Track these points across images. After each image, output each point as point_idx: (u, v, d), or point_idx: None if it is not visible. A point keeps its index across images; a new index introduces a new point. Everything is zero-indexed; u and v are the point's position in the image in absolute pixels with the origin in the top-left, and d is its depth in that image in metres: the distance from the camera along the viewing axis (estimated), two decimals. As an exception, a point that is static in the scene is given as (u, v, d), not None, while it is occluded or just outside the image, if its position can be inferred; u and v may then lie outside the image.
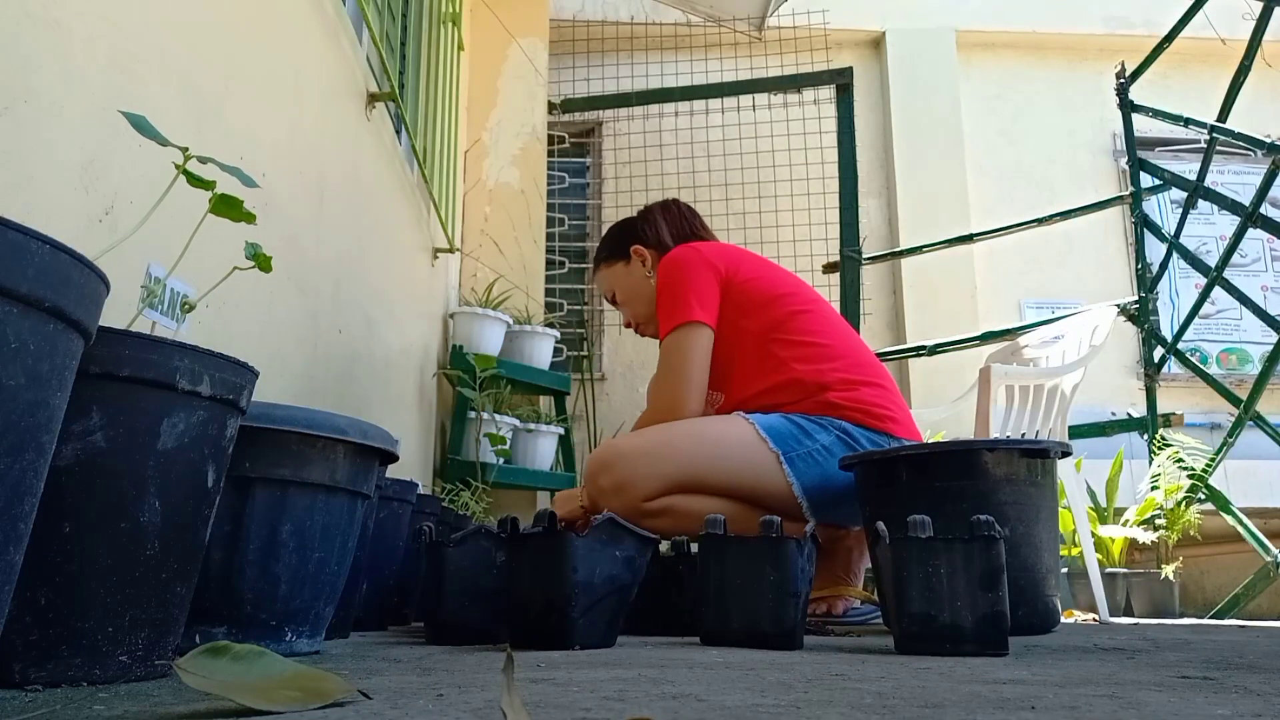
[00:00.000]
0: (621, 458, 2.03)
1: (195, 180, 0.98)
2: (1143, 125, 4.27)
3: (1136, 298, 3.95)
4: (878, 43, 5.89)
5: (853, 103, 4.85)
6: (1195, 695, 0.82)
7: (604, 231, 2.50)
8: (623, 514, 1.99)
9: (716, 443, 2.04)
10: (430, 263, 3.49)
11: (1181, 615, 3.64)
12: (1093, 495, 3.91)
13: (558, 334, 4.05)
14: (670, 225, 2.38)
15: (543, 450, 3.82)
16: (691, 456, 2.02)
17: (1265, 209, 3.27)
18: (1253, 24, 3.49)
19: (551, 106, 4.72)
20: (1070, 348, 2.86)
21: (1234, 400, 3.43)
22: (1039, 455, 1.81)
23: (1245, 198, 3.42)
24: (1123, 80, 4.14)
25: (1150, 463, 3.79)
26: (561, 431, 3.94)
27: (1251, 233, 3.39)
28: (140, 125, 0.94)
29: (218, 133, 1.53)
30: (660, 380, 2.14)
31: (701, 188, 5.10)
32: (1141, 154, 4.14)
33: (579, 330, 5.09)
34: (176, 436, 0.87)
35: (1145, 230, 4.03)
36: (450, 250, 3.62)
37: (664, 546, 1.74)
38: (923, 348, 4.35)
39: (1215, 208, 4.12)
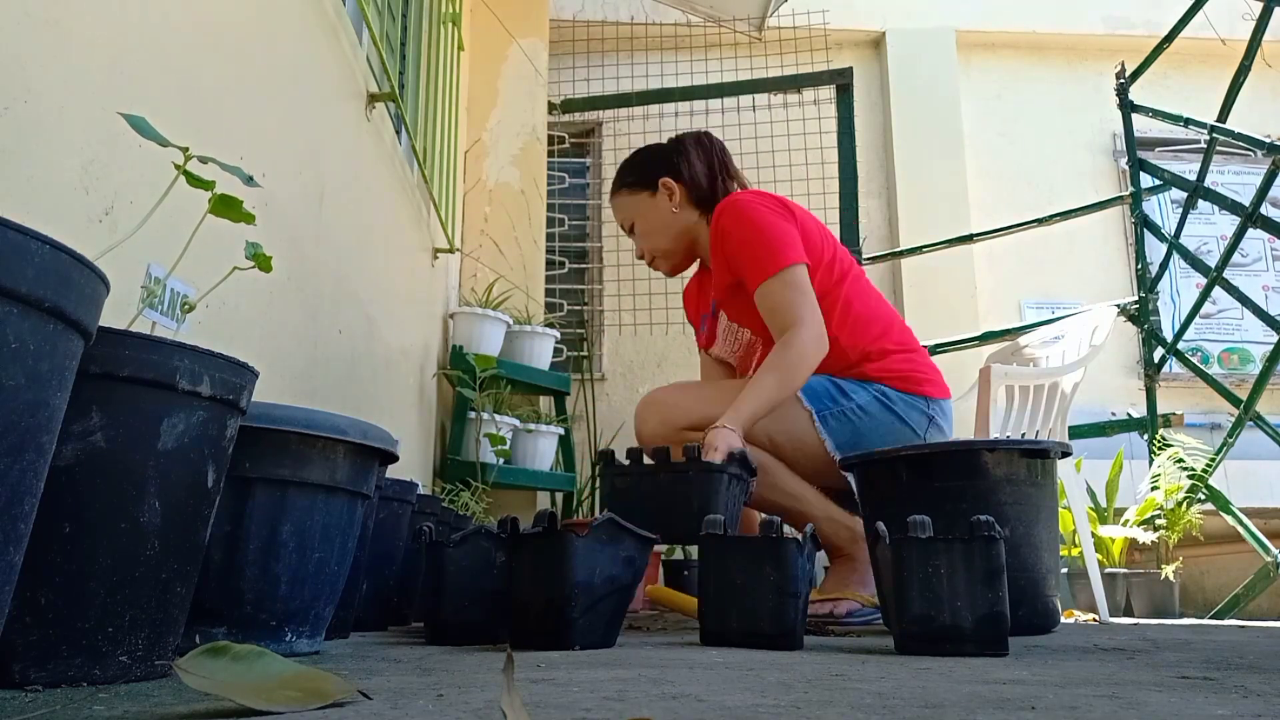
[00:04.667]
0: (666, 399, 2.10)
1: (195, 180, 0.98)
2: (1143, 125, 4.27)
3: (1136, 298, 3.95)
4: (878, 43, 5.89)
5: (853, 103, 4.85)
6: (1195, 695, 0.82)
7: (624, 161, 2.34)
8: (664, 437, 2.01)
9: None
10: (430, 263, 3.49)
11: (1181, 615, 3.64)
12: (1093, 495, 3.91)
13: (558, 334, 4.05)
14: (704, 162, 2.27)
15: (543, 450, 3.82)
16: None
17: (1265, 209, 3.27)
18: (1253, 24, 3.49)
19: (551, 106, 4.72)
20: (1070, 348, 2.86)
21: (1234, 400, 3.43)
22: (1039, 455, 1.81)
23: (1245, 198, 3.42)
24: (1123, 80, 4.14)
25: (1150, 463, 3.79)
26: (561, 432, 3.94)
27: (1252, 232, 3.39)
28: (140, 126, 0.94)
29: (218, 133, 1.53)
30: (787, 325, 1.98)
31: (701, 188, 5.09)
32: (1141, 154, 4.14)
33: (579, 330, 5.09)
34: (176, 436, 0.87)
35: (1145, 230, 4.03)
36: (450, 250, 3.62)
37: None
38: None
39: (1215, 208, 4.12)
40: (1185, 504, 3.58)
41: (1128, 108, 4.11)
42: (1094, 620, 2.66)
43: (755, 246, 2.03)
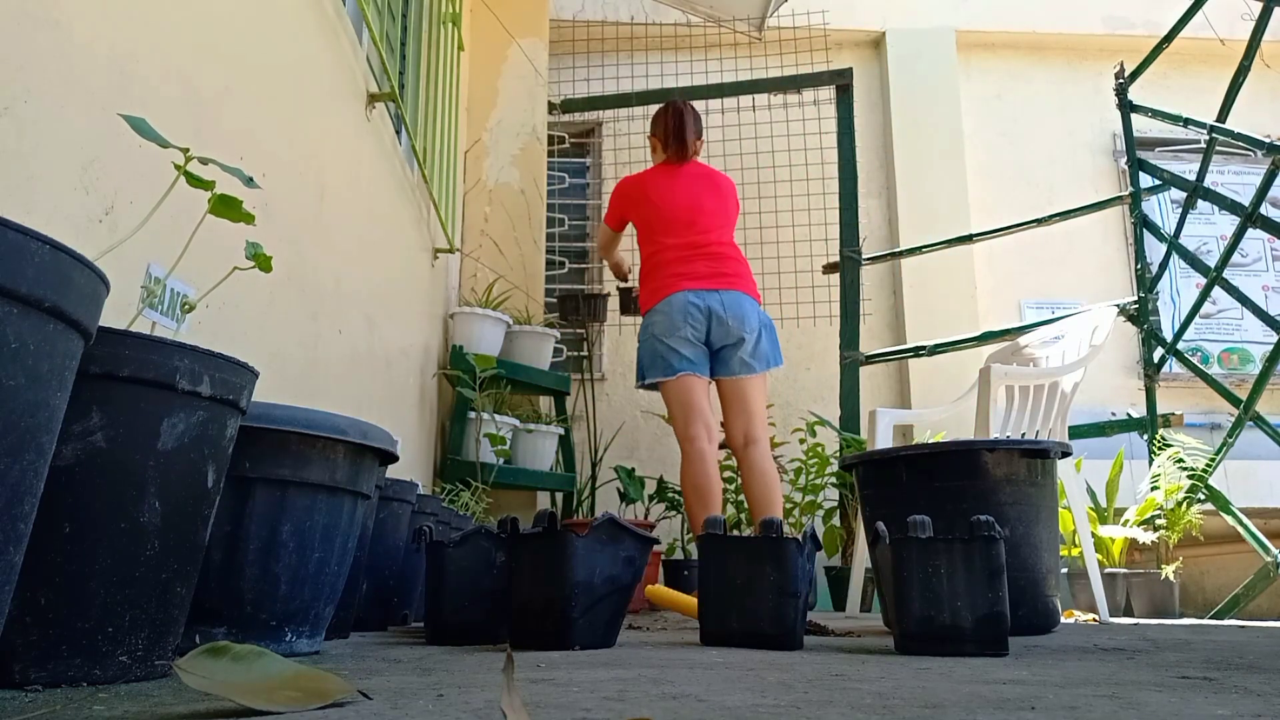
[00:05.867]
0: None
1: (195, 181, 0.98)
2: (1143, 125, 4.27)
3: (1136, 298, 3.95)
4: (878, 43, 5.89)
5: (852, 103, 4.85)
6: (1195, 695, 0.82)
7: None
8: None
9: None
10: (430, 263, 3.49)
11: (1181, 615, 3.64)
12: (1093, 495, 3.91)
13: (558, 334, 4.05)
14: (664, 130, 3.12)
15: (543, 450, 3.81)
16: None
17: (1265, 209, 3.27)
18: (1252, 24, 3.49)
19: (551, 106, 4.72)
20: (1070, 348, 2.86)
21: (1234, 400, 3.43)
22: (1039, 455, 1.81)
23: (1245, 198, 3.42)
24: (1122, 80, 4.14)
25: (1150, 463, 3.79)
26: (561, 431, 3.94)
27: (1252, 232, 3.39)
28: (140, 128, 0.94)
29: (218, 133, 1.53)
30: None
31: (701, 188, 5.09)
32: (1141, 154, 4.14)
33: (579, 330, 5.09)
34: (176, 437, 0.87)
35: (1145, 230, 4.03)
36: (450, 250, 3.62)
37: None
38: (923, 348, 4.34)
39: (1215, 208, 4.12)
40: (1185, 504, 3.58)
41: (1127, 108, 4.11)
42: (1094, 620, 2.66)
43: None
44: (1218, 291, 3.60)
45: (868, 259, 4.72)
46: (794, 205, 5.11)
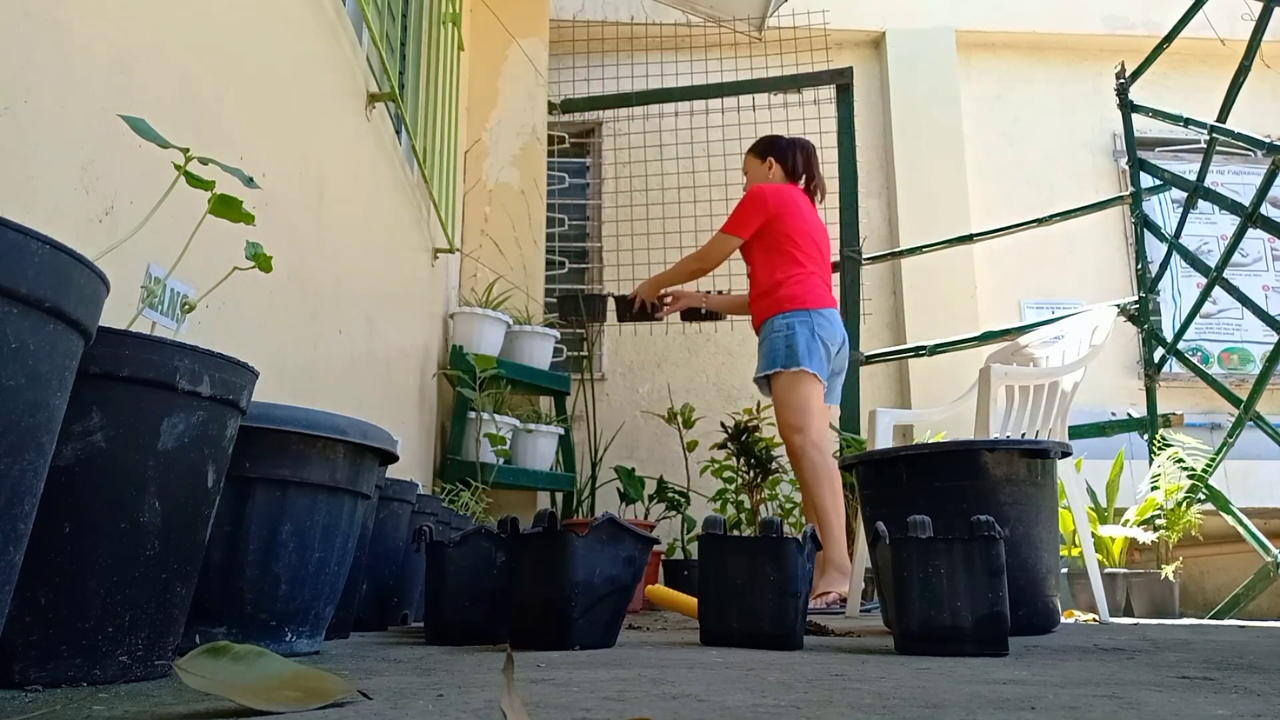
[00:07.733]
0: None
1: (195, 181, 0.98)
2: (1143, 125, 4.26)
3: (1136, 298, 3.95)
4: (878, 43, 5.89)
5: (853, 103, 4.84)
6: (1195, 695, 0.82)
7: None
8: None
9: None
10: (430, 263, 3.49)
11: (1181, 615, 3.64)
12: (1093, 495, 3.91)
13: (558, 334, 4.04)
14: (795, 162, 3.39)
15: (542, 450, 3.81)
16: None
17: (1265, 209, 3.27)
18: (1252, 24, 3.49)
19: (551, 106, 4.72)
20: (1070, 348, 2.86)
21: (1234, 400, 3.43)
22: (1039, 455, 1.81)
23: (1245, 198, 3.42)
24: (1122, 80, 4.14)
25: (1150, 463, 3.79)
26: (561, 431, 3.94)
27: (1252, 232, 3.39)
28: (140, 128, 0.94)
29: (218, 133, 1.53)
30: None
31: (701, 188, 5.10)
32: (1141, 154, 4.14)
33: (579, 330, 5.09)
34: (176, 436, 0.87)
35: (1145, 230, 4.03)
36: (450, 250, 3.62)
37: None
38: (923, 348, 4.34)
39: (1215, 208, 4.12)
40: (1185, 504, 3.58)
41: (1128, 108, 4.11)
42: (1094, 620, 2.66)
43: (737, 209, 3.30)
44: (1218, 291, 3.60)
45: (868, 259, 4.72)
46: (794, 205, 5.09)
